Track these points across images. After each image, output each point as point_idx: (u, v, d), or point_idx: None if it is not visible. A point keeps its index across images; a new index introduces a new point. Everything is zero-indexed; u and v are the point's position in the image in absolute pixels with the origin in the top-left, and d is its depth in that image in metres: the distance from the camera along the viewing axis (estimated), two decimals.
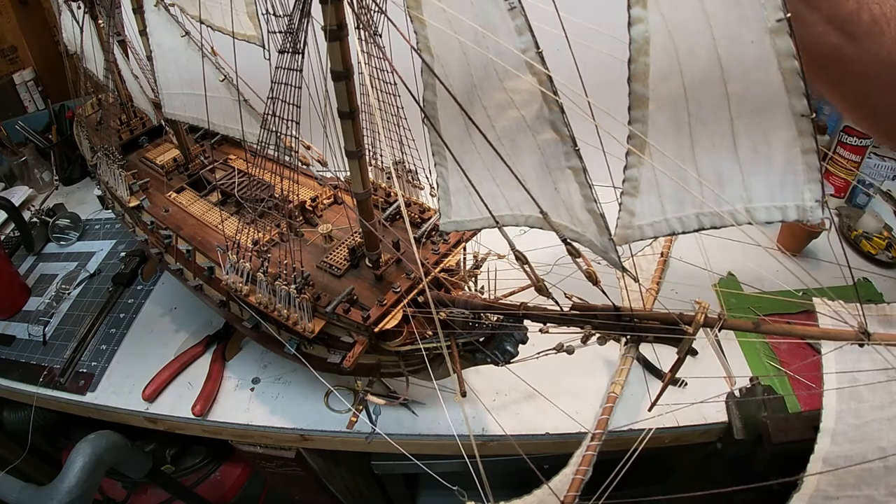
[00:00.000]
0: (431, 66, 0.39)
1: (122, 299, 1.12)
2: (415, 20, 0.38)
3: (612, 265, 0.40)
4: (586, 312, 0.44)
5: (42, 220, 1.34)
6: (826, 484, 0.44)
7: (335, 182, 0.82)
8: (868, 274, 0.89)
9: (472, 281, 0.66)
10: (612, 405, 0.45)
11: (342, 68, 0.48)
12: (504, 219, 0.44)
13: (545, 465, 0.44)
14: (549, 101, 0.35)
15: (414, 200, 0.73)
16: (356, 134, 0.53)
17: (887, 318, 0.44)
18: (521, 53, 0.34)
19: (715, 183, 0.35)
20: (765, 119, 0.32)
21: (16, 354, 1.05)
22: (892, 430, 0.44)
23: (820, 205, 0.32)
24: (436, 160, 0.46)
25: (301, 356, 0.66)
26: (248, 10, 0.62)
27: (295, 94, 0.52)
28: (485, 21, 0.34)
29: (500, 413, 0.77)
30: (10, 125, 1.53)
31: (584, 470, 0.43)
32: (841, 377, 0.47)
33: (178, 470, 1.14)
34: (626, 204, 0.39)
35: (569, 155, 0.36)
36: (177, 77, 0.77)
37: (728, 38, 0.30)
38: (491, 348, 0.57)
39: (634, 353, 0.47)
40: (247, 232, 0.71)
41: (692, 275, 0.61)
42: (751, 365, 0.78)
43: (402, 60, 0.44)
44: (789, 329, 0.37)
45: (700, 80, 0.32)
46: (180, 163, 0.97)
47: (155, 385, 0.89)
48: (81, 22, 0.93)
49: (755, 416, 0.66)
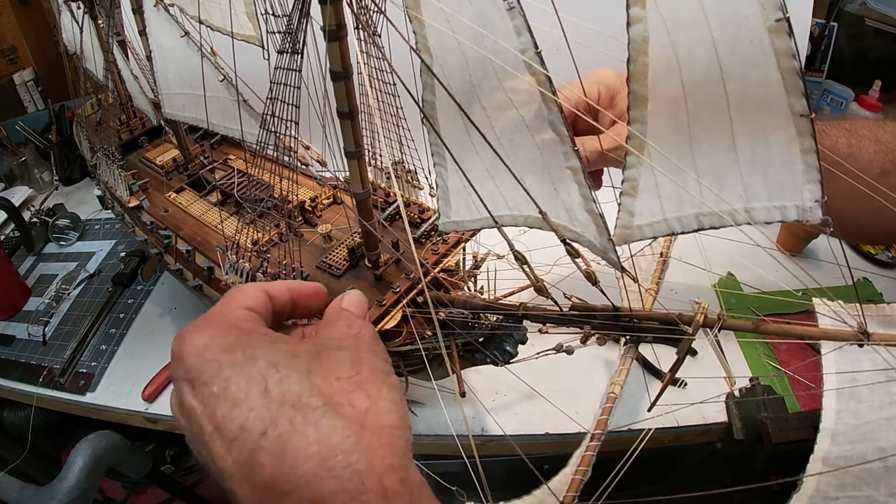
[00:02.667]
0: (430, 66, 0.39)
1: (122, 299, 1.12)
2: (414, 20, 0.38)
3: (612, 265, 0.40)
4: (585, 313, 0.44)
5: (42, 221, 1.34)
6: (826, 484, 0.44)
7: (334, 182, 0.82)
8: (868, 274, 0.89)
9: (471, 281, 0.66)
10: (611, 405, 0.45)
11: (341, 68, 0.48)
12: (503, 219, 0.44)
13: (545, 466, 0.44)
14: (547, 101, 0.35)
15: (413, 200, 0.73)
16: (355, 134, 0.53)
17: (887, 318, 0.44)
18: (520, 53, 0.34)
19: (714, 183, 0.35)
20: (764, 119, 0.32)
21: (16, 354, 1.05)
22: (892, 430, 0.44)
23: (819, 205, 0.32)
24: (435, 160, 0.46)
25: None
26: (248, 10, 0.62)
27: (294, 94, 0.52)
28: (483, 21, 0.34)
29: (500, 413, 0.77)
30: (10, 125, 1.53)
31: (583, 470, 0.43)
32: (840, 377, 0.47)
33: (177, 470, 1.14)
34: (625, 204, 0.39)
35: (568, 155, 0.36)
36: (176, 77, 0.77)
37: (727, 37, 0.30)
38: (490, 348, 0.57)
39: (634, 354, 0.47)
40: (246, 232, 0.71)
41: (692, 275, 0.61)
42: (750, 365, 0.78)
43: (402, 61, 0.44)
44: (789, 329, 0.37)
45: (699, 80, 0.32)
46: (180, 163, 0.97)
47: (155, 385, 0.89)
48: (81, 22, 0.93)
49: (755, 416, 0.66)
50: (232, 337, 0.33)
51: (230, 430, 0.29)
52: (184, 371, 0.32)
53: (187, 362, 0.32)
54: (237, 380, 0.30)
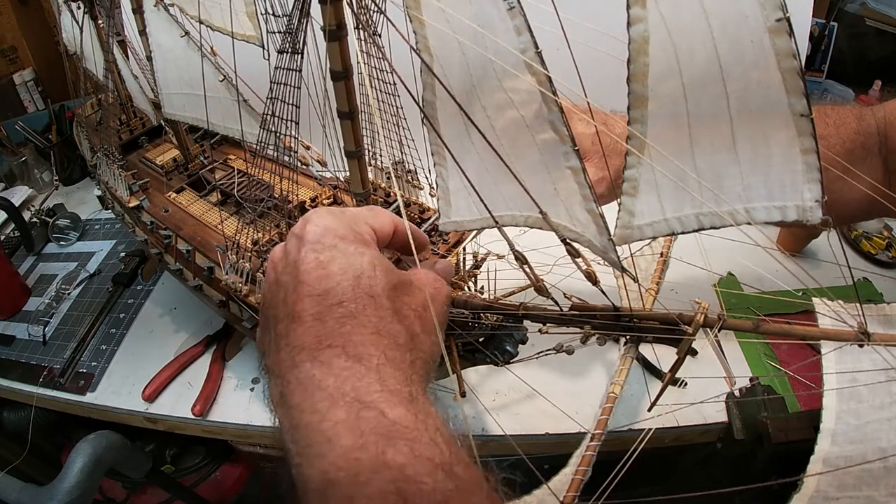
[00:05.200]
0: (430, 66, 0.39)
1: (122, 299, 1.12)
2: (414, 20, 0.38)
3: (612, 265, 0.40)
4: (586, 313, 0.44)
5: (42, 220, 1.34)
6: (826, 484, 0.44)
7: (335, 182, 0.82)
8: (868, 274, 0.89)
9: (471, 281, 0.66)
10: (611, 405, 0.45)
11: (341, 68, 0.48)
12: (503, 219, 0.44)
13: (545, 466, 0.44)
14: (548, 101, 0.35)
15: (413, 200, 0.73)
16: (355, 134, 0.53)
17: (887, 318, 0.44)
18: (520, 53, 0.34)
19: (714, 183, 0.35)
20: (764, 119, 0.31)
21: (16, 354, 1.05)
22: (892, 430, 0.44)
23: (820, 205, 0.32)
24: (435, 160, 0.46)
25: None
26: (248, 10, 0.62)
27: (294, 94, 0.52)
28: (484, 21, 0.34)
29: (500, 413, 0.77)
30: (10, 125, 1.52)
31: (583, 470, 0.43)
32: (841, 377, 0.47)
33: (178, 470, 1.14)
34: (625, 204, 0.39)
35: (568, 155, 0.36)
36: (176, 77, 0.77)
37: (727, 37, 0.30)
38: (490, 348, 0.57)
39: (634, 354, 0.47)
40: (246, 232, 0.71)
41: (692, 275, 0.61)
42: (751, 365, 0.78)
43: (402, 60, 0.44)
44: (789, 329, 0.37)
45: (699, 80, 0.32)
46: (180, 163, 0.97)
47: (155, 385, 0.89)
48: (81, 22, 0.93)
49: (755, 416, 0.66)
50: (352, 235, 0.38)
51: (315, 288, 0.35)
52: (302, 231, 0.38)
53: (309, 228, 0.38)
54: (341, 261, 0.36)
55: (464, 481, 0.31)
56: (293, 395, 0.33)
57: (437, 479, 0.30)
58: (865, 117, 0.61)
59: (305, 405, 0.32)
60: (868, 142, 0.60)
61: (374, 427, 0.31)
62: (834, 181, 0.34)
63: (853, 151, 0.60)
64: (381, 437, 0.30)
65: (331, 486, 0.29)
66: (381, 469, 0.29)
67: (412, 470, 0.30)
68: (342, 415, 0.31)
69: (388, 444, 0.30)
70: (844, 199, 0.59)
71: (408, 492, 0.29)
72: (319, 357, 0.34)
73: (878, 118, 0.61)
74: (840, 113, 0.62)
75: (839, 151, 0.60)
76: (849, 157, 0.60)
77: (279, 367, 0.35)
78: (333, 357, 0.33)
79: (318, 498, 0.30)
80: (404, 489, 0.29)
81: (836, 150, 0.60)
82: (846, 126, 0.61)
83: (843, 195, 0.58)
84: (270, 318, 0.38)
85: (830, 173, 0.40)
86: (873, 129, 0.60)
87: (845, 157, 0.60)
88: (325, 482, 0.30)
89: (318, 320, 0.35)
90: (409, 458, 0.30)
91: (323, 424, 0.31)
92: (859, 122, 0.61)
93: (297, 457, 0.32)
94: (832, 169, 0.41)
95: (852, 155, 0.60)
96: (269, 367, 0.37)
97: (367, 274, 0.36)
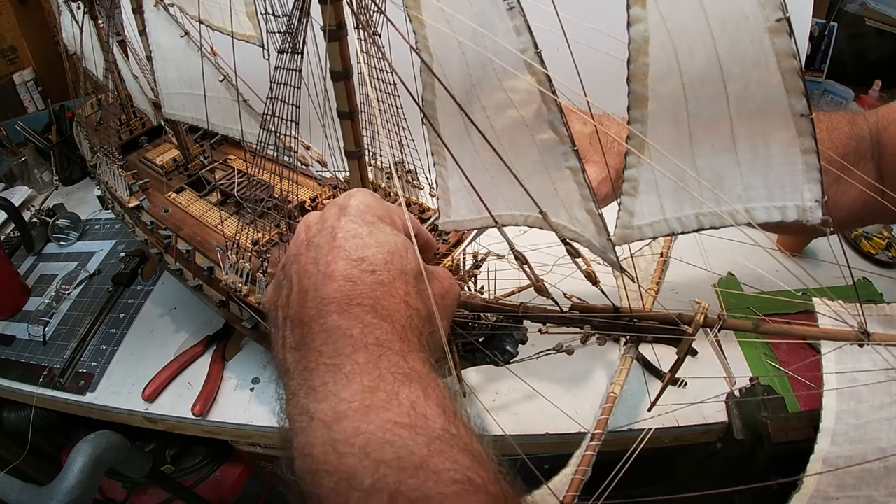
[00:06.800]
0: (430, 65, 0.39)
1: (122, 299, 1.12)
2: (414, 20, 0.38)
3: (611, 265, 0.40)
4: (586, 313, 0.44)
5: (42, 220, 1.34)
6: (826, 484, 0.44)
7: (335, 182, 0.82)
8: (868, 274, 0.89)
9: (471, 281, 0.66)
10: (611, 405, 0.45)
11: (341, 68, 0.48)
12: (503, 218, 0.44)
13: (545, 466, 0.44)
14: (547, 101, 0.35)
15: (414, 200, 0.73)
16: (356, 134, 0.53)
17: (887, 318, 0.44)
18: (520, 53, 0.34)
19: (714, 183, 0.35)
20: (764, 119, 0.32)
21: (16, 354, 1.05)
22: (892, 430, 0.44)
23: (820, 205, 0.32)
24: (435, 160, 0.46)
25: None
26: (248, 10, 0.62)
27: (294, 94, 0.52)
28: (483, 21, 0.34)
29: (500, 413, 0.77)
30: (10, 125, 1.52)
31: (583, 470, 0.43)
32: (841, 377, 0.47)
33: (177, 470, 1.14)
34: (625, 204, 0.39)
35: (567, 155, 0.36)
36: (176, 77, 0.77)
37: (727, 37, 0.30)
38: (491, 348, 0.57)
39: (634, 354, 0.47)
40: (246, 232, 0.71)
41: (692, 275, 0.61)
42: (750, 365, 0.78)
43: (402, 60, 0.44)
44: (789, 329, 0.37)
45: (699, 80, 0.32)
46: (180, 163, 0.97)
47: (155, 385, 0.89)
48: (81, 22, 0.93)
49: (755, 416, 0.66)
50: (388, 219, 0.41)
51: (351, 253, 0.37)
52: (346, 203, 0.41)
53: (353, 202, 0.41)
54: (379, 236, 0.39)
55: (470, 437, 0.33)
56: (315, 339, 0.35)
57: (447, 419, 0.32)
58: (858, 122, 0.61)
59: (327, 349, 0.34)
60: (861, 147, 0.60)
61: (392, 368, 0.33)
62: (828, 186, 0.34)
63: (846, 156, 0.60)
64: (397, 376, 0.33)
65: (340, 418, 0.31)
66: (391, 405, 0.31)
67: (423, 409, 0.31)
68: (362, 358, 0.33)
69: (402, 385, 0.32)
70: (837, 203, 0.59)
71: (417, 426, 0.31)
72: (349, 310, 0.35)
73: (870, 123, 0.60)
74: (833, 118, 0.62)
75: (832, 157, 0.60)
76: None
77: (303, 315, 0.37)
78: (362, 313, 0.35)
79: (324, 431, 0.31)
80: (415, 424, 0.31)
81: (829, 156, 0.60)
82: (839, 131, 0.61)
83: (836, 200, 0.58)
84: (294, 273, 0.40)
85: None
86: (866, 133, 0.60)
87: (838, 162, 0.60)
88: (335, 415, 0.31)
89: (351, 281, 0.36)
90: (421, 398, 0.32)
91: (344, 366, 0.33)
92: (852, 126, 0.61)
93: (304, 397, 0.33)
94: (828, 170, 0.41)
95: (845, 160, 0.60)
96: (290, 317, 0.38)
97: (400, 252, 0.39)
